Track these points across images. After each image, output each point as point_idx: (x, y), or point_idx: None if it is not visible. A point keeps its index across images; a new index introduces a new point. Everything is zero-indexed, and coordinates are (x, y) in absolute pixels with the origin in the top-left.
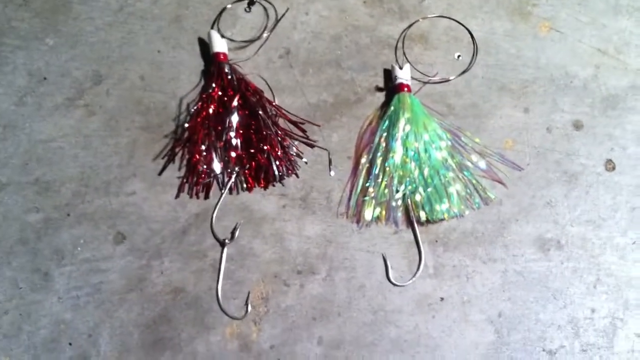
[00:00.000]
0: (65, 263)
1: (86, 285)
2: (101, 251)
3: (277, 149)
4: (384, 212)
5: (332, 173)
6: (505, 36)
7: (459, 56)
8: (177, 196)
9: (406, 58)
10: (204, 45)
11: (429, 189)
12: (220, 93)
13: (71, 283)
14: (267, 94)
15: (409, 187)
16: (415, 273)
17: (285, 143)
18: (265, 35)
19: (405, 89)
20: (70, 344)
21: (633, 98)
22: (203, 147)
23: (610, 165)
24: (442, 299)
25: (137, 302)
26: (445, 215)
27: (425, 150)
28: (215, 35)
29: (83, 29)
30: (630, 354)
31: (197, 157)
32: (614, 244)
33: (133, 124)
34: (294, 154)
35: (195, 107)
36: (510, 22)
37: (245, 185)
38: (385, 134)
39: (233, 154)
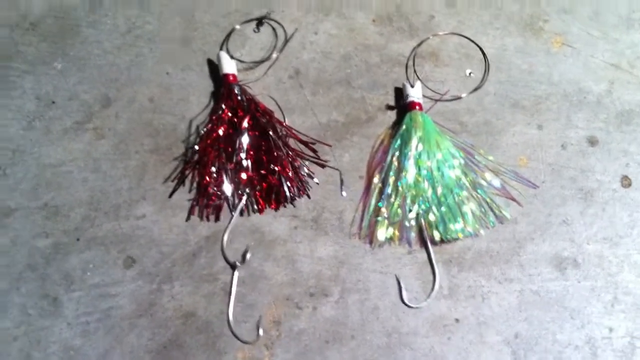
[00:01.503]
0: (74, 288)
1: (96, 310)
2: (111, 276)
3: (288, 170)
4: (397, 233)
5: (344, 193)
6: (517, 52)
7: (470, 73)
8: (188, 219)
9: (417, 76)
10: (213, 67)
11: (443, 208)
12: (230, 114)
13: (80, 309)
14: (277, 115)
15: (422, 207)
16: (430, 294)
17: (296, 163)
18: (274, 55)
19: (417, 107)
20: None
21: None
22: (213, 169)
23: (626, 182)
24: (457, 320)
25: (148, 327)
26: (460, 235)
27: (439, 169)
28: (224, 56)
29: (91, 52)
30: None
31: (208, 179)
32: (632, 261)
33: (142, 147)
34: (305, 174)
35: (205, 129)
36: (521, 38)
37: (256, 207)
38: (397, 153)
39: (244, 176)
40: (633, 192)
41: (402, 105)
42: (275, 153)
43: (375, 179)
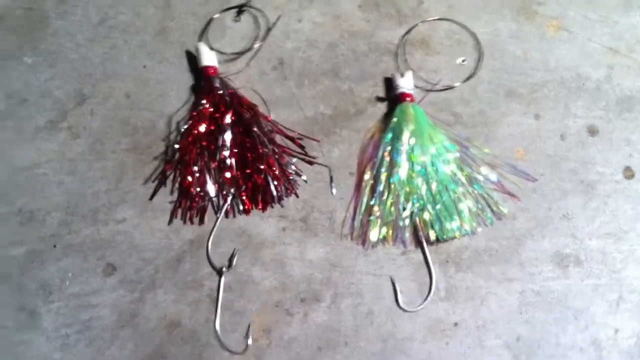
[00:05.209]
0: (52, 299)
1: (76, 322)
2: (90, 284)
3: (274, 168)
4: (390, 232)
5: (334, 191)
6: (511, 38)
7: (463, 60)
8: (170, 222)
9: (407, 65)
10: (192, 59)
11: (438, 206)
12: (211, 110)
13: (60, 320)
14: (262, 109)
15: (417, 205)
16: (426, 297)
17: (282, 161)
18: (256, 45)
19: (408, 98)
20: None
21: None
22: (195, 169)
23: (629, 173)
24: (455, 324)
25: (130, 338)
26: (457, 234)
27: (433, 164)
28: (203, 47)
29: (63, 45)
30: None
31: (190, 179)
32: (637, 257)
33: (120, 146)
34: (293, 172)
35: (185, 126)
36: (515, 23)
37: (242, 208)
38: (388, 148)
39: (228, 175)
40: (636, 183)
41: (393, 97)
42: (260, 150)
43: (367, 176)
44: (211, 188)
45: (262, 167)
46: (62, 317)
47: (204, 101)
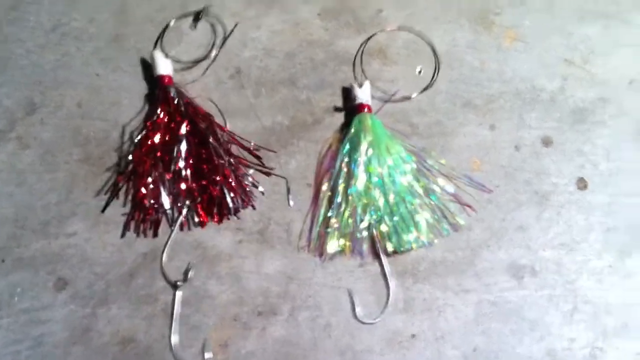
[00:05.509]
0: (1, 315)
1: (26, 338)
2: (41, 300)
3: (230, 179)
4: (348, 244)
5: (292, 203)
6: (469, 48)
7: (420, 71)
8: (123, 235)
9: (365, 75)
10: (147, 67)
11: (395, 218)
12: (166, 119)
13: (9, 337)
14: (218, 118)
15: (374, 217)
16: (384, 309)
17: (239, 172)
18: (213, 53)
19: (366, 109)
20: None
21: (602, 111)
22: (149, 180)
23: (582, 184)
24: (413, 335)
25: (83, 354)
26: (414, 246)
27: (390, 176)
28: (159, 56)
29: (13, 52)
30: None
31: (144, 191)
32: (590, 268)
33: (71, 157)
34: (250, 183)
35: (139, 136)
36: (473, 33)
37: (197, 220)
38: (346, 159)
39: (183, 186)
40: (589, 194)
41: (350, 107)
42: (216, 161)
43: (324, 187)
44: (165, 200)
45: (217, 178)
46: (12, 333)
47: (158, 111)
